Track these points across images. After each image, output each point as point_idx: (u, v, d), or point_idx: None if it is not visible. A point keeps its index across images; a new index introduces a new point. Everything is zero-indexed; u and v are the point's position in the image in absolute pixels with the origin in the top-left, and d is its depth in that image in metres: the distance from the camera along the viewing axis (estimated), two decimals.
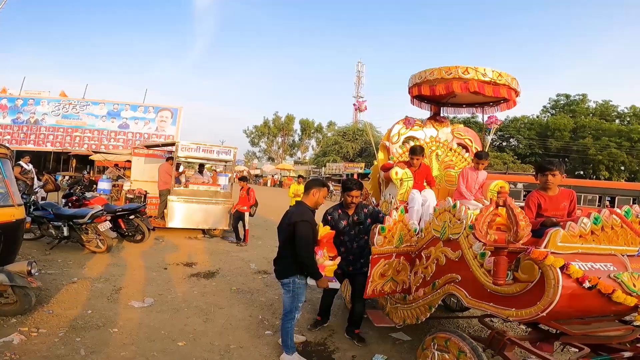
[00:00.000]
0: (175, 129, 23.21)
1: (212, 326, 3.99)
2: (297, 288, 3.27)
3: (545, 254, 1.89)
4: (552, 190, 2.91)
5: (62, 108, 22.63)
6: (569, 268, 1.87)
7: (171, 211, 8.79)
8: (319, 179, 3.82)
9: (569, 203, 2.91)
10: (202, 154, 9.61)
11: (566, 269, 1.87)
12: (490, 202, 2.24)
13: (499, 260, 2.06)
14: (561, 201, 2.90)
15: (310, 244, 3.15)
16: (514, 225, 2.02)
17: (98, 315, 4.01)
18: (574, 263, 1.93)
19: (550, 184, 2.92)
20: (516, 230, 2.00)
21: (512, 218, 2.04)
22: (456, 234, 2.68)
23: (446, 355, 2.20)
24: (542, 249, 1.95)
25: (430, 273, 3.00)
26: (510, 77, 4.37)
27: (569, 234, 2.03)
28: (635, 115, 33.27)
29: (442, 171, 5.10)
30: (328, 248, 3.24)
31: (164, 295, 4.81)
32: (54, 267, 5.61)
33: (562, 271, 1.89)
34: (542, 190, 2.94)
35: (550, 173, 2.90)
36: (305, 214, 3.20)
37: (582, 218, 2.08)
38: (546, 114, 37.68)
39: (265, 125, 58.78)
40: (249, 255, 7.46)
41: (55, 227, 6.34)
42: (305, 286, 3.28)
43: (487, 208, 2.20)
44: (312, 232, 3.16)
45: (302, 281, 3.25)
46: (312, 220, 3.21)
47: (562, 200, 2.91)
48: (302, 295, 3.33)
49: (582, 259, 2.03)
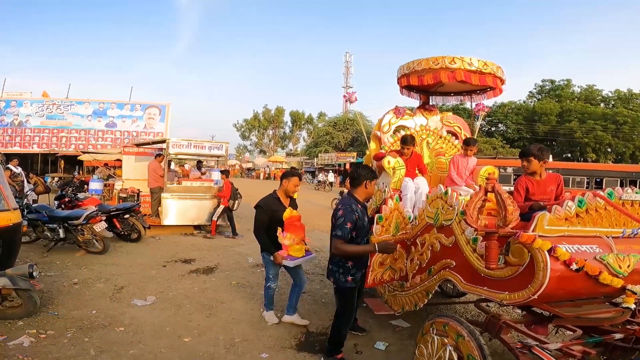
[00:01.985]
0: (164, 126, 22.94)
1: (216, 321, 4.08)
2: (265, 262, 4.04)
3: (533, 237, 1.99)
4: (540, 174, 3.04)
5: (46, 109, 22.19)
6: (557, 251, 1.98)
7: (166, 208, 8.81)
8: (290, 170, 4.45)
9: (556, 187, 3.04)
10: (193, 150, 9.60)
11: (554, 252, 1.98)
12: (479, 188, 2.34)
13: (490, 244, 2.17)
14: (548, 185, 3.03)
15: (258, 225, 3.85)
16: (503, 210, 2.12)
17: (103, 315, 4.07)
18: (561, 246, 2.04)
19: (529, 169, 3.09)
20: (505, 215, 2.10)
21: (501, 203, 2.14)
22: (449, 220, 2.79)
23: (445, 339, 2.31)
24: (530, 233, 2.06)
25: (425, 260, 3.11)
26: (496, 66, 4.49)
27: (555, 217, 2.13)
28: (620, 98, 33.94)
29: (433, 158, 5.22)
30: (292, 230, 3.79)
31: (165, 292, 4.87)
32: (53, 269, 5.62)
33: (549, 254, 1.99)
34: (530, 175, 3.07)
35: (524, 159, 3.11)
36: (263, 200, 3.89)
37: (567, 201, 2.18)
38: (532, 99, 38.21)
39: (255, 118, 58.43)
40: (246, 249, 7.53)
41: (51, 230, 6.33)
42: (271, 261, 3.90)
43: (476, 194, 2.30)
44: (262, 215, 3.82)
45: (269, 256, 3.92)
46: (266, 205, 3.84)
47: (549, 184, 3.04)
48: (270, 268, 4.02)
49: (568, 241, 2.14)
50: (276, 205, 3.86)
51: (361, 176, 3.08)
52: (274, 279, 4.08)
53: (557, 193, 3.05)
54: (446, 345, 2.29)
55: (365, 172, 3.11)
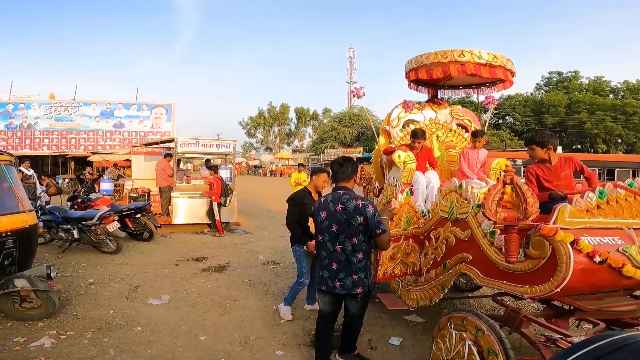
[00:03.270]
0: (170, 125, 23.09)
1: (230, 319, 4.11)
2: (297, 255, 4.06)
3: (555, 229, 1.97)
4: (550, 161, 2.99)
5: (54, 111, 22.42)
6: (579, 243, 1.96)
7: (176, 207, 8.88)
8: (319, 167, 4.36)
9: (573, 169, 2.97)
10: (201, 149, 9.65)
11: (576, 244, 1.96)
12: (497, 181, 2.32)
13: (510, 238, 2.15)
14: (562, 170, 2.96)
15: (290, 217, 3.97)
16: (523, 202, 2.10)
17: (120, 315, 4.12)
18: (583, 238, 2.02)
19: (535, 157, 3.08)
20: (525, 207, 2.08)
21: (521, 195, 2.12)
22: (464, 213, 2.77)
23: (464, 334, 2.29)
24: (552, 225, 2.03)
25: (440, 254, 3.09)
26: (505, 59, 4.44)
27: (576, 209, 2.10)
28: (629, 89, 33.46)
29: (443, 152, 5.19)
30: None
31: (179, 291, 4.92)
32: (69, 269, 5.70)
33: (572, 246, 1.97)
34: (540, 163, 3.04)
35: (528, 148, 3.12)
36: (295, 194, 4.02)
37: (587, 192, 2.15)
38: (540, 91, 37.77)
39: (260, 115, 58.47)
40: (257, 247, 7.57)
41: (65, 230, 6.41)
42: (304, 253, 3.97)
43: (495, 186, 2.27)
44: (293, 208, 3.93)
45: (301, 248, 3.96)
46: (298, 198, 3.95)
47: (563, 168, 2.97)
48: (303, 261, 4.03)
49: (590, 233, 2.11)
50: (307, 199, 3.95)
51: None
52: (307, 274, 4.09)
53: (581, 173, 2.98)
54: (465, 339, 2.28)
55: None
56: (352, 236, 2.71)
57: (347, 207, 2.72)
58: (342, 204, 2.74)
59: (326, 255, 2.82)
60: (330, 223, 2.76)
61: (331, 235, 2.77)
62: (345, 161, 2.96)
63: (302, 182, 10.19)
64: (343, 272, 2.74)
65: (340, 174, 2.89)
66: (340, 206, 2.74)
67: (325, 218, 2.80)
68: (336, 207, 2.75)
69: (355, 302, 2.84)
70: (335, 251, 2.76)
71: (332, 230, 2.75)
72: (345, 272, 2.74)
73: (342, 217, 2.71)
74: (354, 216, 2.68)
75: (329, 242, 2.79)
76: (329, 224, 2.77)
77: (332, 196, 2.85)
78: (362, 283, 2.76)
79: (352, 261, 2.72)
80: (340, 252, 2.74)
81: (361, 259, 2.74)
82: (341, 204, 2.74)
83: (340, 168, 2.90)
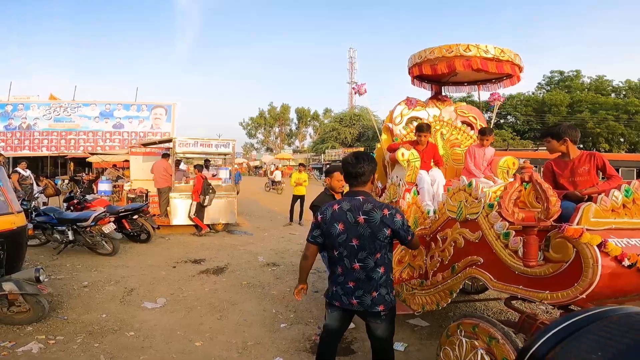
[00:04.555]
0: (170, 126, 22.96)
1: (227, 323, 3.95)
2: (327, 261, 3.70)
3: (581, 231, 1.81)
4: (568, 155, 2.82)
5: (53, 111, 22.30)
6: (607, 245, 1.80)
7: (174, 208, 8.74)
8: (331, 166, 3.96)
9: (594, 166, 2.74)
10: (200, 149, 9.51)
11: (604, 247, 1.80)
12: (514, 179, 2.15)
13: (529, 240, 1.98)
14: (581, 165, 2.76)
15: None
16: (544, 201, 1.93)
17: (113, 319, 3.97)
18: (610, 240, 1.86)
19: (551, 151, 2.92)
20: (547, 206, 1.91)
21: (542, 194, 1.95)
22: (474, 213, 2.61)
23: (475, 342, 2.13)
24: (576, 226, 1.87)
25: (448, 256, 2.94)
26: (513, 53, 4.28)
27: (601, 209, 1.94)
28: (631, 88, 33.25)
29: (448, 150, 5.03)
30: None
31: (176, 294, 4.76)
32: (63, 272, 5.55)
33: (599, 249, 1.82)
34: (559, 158, 2.87)
35: (544, 141, 2.95)
36: (317, 199, 3.60)
37: (613, 190, 1.99)
38: (541, 91, 37.58)
39: (261, 116, 58.43)
40: (256, 248, 7.41)
41: (60, 232, 6.26)
42: None
43: (512, 184, 2.10)
44: None
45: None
46: (321, 202, 3.45)
47: (582, 164, 2.77)
48: None
49: (616, 234, 1.94)
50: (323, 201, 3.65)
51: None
52: None
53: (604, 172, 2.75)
54: (477, 348, 2.12)
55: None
56: (375, 252, 2.25)
57: (372, 219, 2.21)
58: (364, 214, 2.22)
59: (342, 272, 2.33)
60: (349, 237, 2.24)
61: (350, 251, 2.26)
62: (359, 159, 2.36)
63: (303, 183, 10.04)
64: (361, 289, 2.28)
65: (356, 174, 2.34)
66: (362, 217, 2.21)
67: (342, 231, 2.26)
68: (357, 218, 2.23)
69: (379, 321, 2.34)
70: (352, 269, 2.28)
71: (351, 245, 2.25)
72: (363, 289, 2.28)
73: (365, 230, 2.21)
74: (381, 229, 2.20)
75: (346, 259, 2.29)
76: (348, 238, 2.25)
77: (348, 204, 2.29)
78: (383, 300, 2.30)
79: (372, 278, 2.27)
80: (359, 270, 2.27)
81: (383, 273, 2.29)
82: (363, 214, 2.22)
83: (355, 168, 2.33)
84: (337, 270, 2.36)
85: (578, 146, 9.04)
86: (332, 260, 2.40)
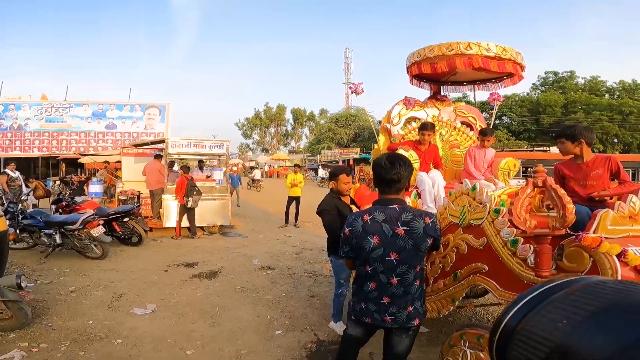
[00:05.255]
0: (164, 126, 22.72)
1: (220, 330, 3.81)
2: (335, 265, 3.69)
3: (600, 240, 1.68)
4: (582, 157, 2.70)
5: (44, 112, 21.98)
6: (627, 255, 1.68)
7: (167, 210, 8.56)
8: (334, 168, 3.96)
9: (607, 170, 2.63)
10: (193, 150, 9.34)
11: (623, 256, 1.68)
12: (527, 183, 2.03)
13: (543, 249, 1.85)
14: (593, 169, 2.64)
15: (331, 227, 3.42)
16: (561, 209, 1.80)
17: (100, 325, 3.81)
18: (629, 248, 1.74)
19: (564, 152, 2.80)
20: (564, 213, 1.79)
21: (558, 201, 1.82)
22: (479, 219, 2.48)
23: (481, 353, 2.01)
24: (593, 235, 1.75)
25: (449, 263, 2.81)
26: (515, 52, 4.18)
27: (619, 216, 1.83)
28: (625, 89, 33.50)
29: (447, 151, 4.92)
30: None
31: (167, 299, 4.60)
32: (50, 276, 5.37)
33: (618, 259, 1.70)
34: (572, 160, 2.76)
35: (558, 142, 2.83)
36: (323, 203, 3.53)
37: (630, 196, 1.88)
38: (536, 91, 37.76)
39: (256, 116, 58.19)
40: (251, 251, 7.26)
41: (47, 235, 6.07)
42: (342, 266, 3.36)
43: (523, 190, 1.98)
44: (329, 216, 3.45)
45: (339, 261, 3.41)
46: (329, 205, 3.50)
47: (595, 167, 2.64)
48: (342, 272, 3.65)
49: (634, 242, 1.83)
50: (340, 205, 3.51)
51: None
52: (345, 284, 3.70)
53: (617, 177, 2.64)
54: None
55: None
56: (416, 265, 2.02)
57: (414, 230, 1.94)
58: (404, 225, 1.95)
59: (375, 288, 2.07)
60: (386, 251, 1.98)
61: (388, 266, 2.00)
62: (394, 163, 2.02)
63: (298, 184, 9.90)
64: (396, 305, 2.05)
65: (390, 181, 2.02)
66: (402, 228, 1.95)
67: (378, 245, 1.98)
68: (395, 229, 1.95)
69: (405, 336, 2.15)
70: (389, 284, 2.02)
71: (389, 260, 1.99)
72: (399, 305, 2.05)
73: (407, 243, 1.96)
74: (424, 240, 1.97)
75: (382, 274, 2.03)
76: (385, 253, 1.98)
77: (382, 213, 2.00)
78: (418, 313, 2.10)
79: (409, 292, 2.05)
80: (397, 285, 2.02)
81: (419, 286, 2.09)
82: (403, 225, 1.95)
83: (390, 174, 2.01)
84: (369, 285, 2.09)
85: None
86: (362, 275, 2.13)
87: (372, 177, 5.18)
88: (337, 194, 3.58)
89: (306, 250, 7.30)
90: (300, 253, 7.10)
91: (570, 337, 0.54)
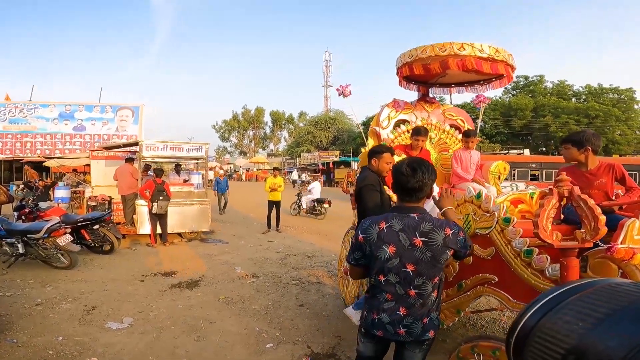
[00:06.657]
0: (137, 128, 21.89)
1: (206, 345, 3.54)
2: None
3: (632, 252, 1.59)
4: (586, 165, 2.64)
5: (7, 112, 20.73)
6: None
7: (141, 216, 8.12)
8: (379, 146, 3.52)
9: (611, 178, 2.58)
10: (170, 153, 8.93)
11: None
12: (551, 193, 1.91)
13: (570, 263, 1.72)
14: (598, 177, 2.59)
15: (373, 206, 2.95)
16: (592, 221, 1.69)
17: (71, 342, 3.48)
18: None
19: (568, 158, 2.74)
20: (595, 225, 1.68)
21: (588, 212, 1.70)
22: (486, 228, 2.36)
23: None
24: (623, 246, 1.65)
25: (452, 272, 2.68)
26: (507, 53, 4.15)
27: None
28: (591, 93, 35.01)
29: (437, 155, 4.85)
30: None
31: (145, 312, 4.29)
32: (13, 287, 4.94)
33: None
34: (575, 167, 2.69)
35: (563, 147, 2.77)
36: (367, 179, 3.11)
37: None
38: (508, 95, 38.94)
39: (234, 119, 57.42)
40: (233, 257, 6.97)
41: (9, 244, 5.60)
42: None
43: (548, 200, 1.85)
44: (374, 194, 3.04)
45: None
46: (375, 181, 3.10)
47: (599, 176, 2.59)
48: None
49: None
50: (380, 184, 3.14)
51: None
52: None
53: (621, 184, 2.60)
54: None
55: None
56: (434, 277, 1.89)
57: (432, 242, 1.82)
58: (422, 235, 1.83)
59: (391, 299, 1.93)
60: (402, 262, 1.86)
61: (404, 277, 1.87)
62: (416, 170, 1.88)
63: (278, 188, 9.64)
64: (412, 316, 1.91)
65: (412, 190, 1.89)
66: (420, 239, 1.82)
67: (393, 255, 1.86)
68: (413, 239, 1.83)
69: (418, 351, 2.01)
70: (407, 295, 1.89)
71: (405, 271, 1.86)
72: (414, 316, 1.91)
73: (425, 254, 1.83)
74: (443, 252, 1.84)
75: (398, 285, 1.89)
76: (401, 263, 1.86)
77: (400, 222, 1.87)
78: (433, 325, 1.97)
79: (427, 304, 1.92)
80: (415, 297, 1.89)
81: (436, 296, 1.96)
82: (421, 235, 1.83)
83: (411, 182, 1.87)
84: (384, 296, 1.94)
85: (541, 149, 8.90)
86: (376, 285, 1.97)
87: None
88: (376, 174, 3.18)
89: (290, 256, 7.08)
90: (284, 259, 6.87)
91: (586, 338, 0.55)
